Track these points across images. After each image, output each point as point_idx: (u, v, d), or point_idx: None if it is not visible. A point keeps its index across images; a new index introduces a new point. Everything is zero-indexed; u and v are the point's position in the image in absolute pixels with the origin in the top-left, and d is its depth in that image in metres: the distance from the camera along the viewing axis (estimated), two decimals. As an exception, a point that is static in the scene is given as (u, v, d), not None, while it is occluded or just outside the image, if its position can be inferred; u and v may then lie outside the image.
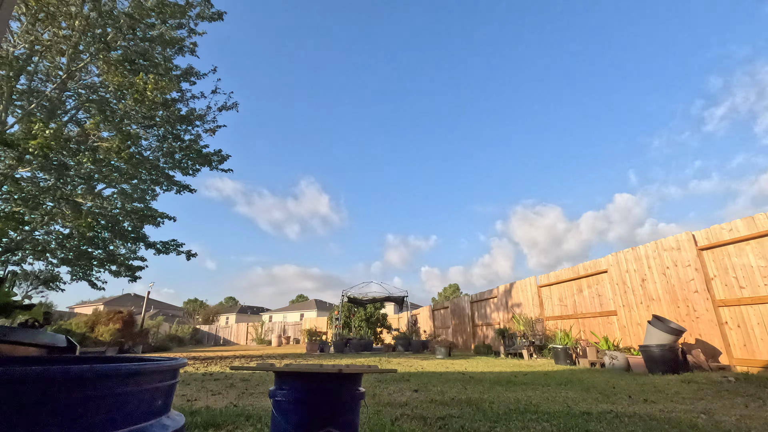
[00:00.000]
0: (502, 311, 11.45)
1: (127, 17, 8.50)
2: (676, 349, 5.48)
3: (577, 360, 7.23)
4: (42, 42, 7.83)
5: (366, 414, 2.97)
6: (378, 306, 17.70)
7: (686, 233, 6.11)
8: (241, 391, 4.37)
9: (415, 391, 4.19)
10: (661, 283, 6.47)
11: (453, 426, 2.65)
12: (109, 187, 10.29)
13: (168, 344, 21.04)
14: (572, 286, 8.78)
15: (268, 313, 53.66)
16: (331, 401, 1.59)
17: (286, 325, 28.69)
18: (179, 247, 11.29)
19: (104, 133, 9.23)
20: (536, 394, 3.94)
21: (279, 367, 1.66)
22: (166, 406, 0.84)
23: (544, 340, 9.15)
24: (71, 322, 15.64)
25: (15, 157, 7.41)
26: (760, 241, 5.09)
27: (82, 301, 41.85)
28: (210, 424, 2.69)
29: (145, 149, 10.49)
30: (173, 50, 10.27)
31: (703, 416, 2.88)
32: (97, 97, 9.33)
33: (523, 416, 2.91)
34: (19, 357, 1.23)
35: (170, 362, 0.83)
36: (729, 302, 5.40)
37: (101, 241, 10.38)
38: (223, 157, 11.20)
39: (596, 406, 3.33)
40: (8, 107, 8.07)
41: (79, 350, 1.76)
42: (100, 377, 0.67)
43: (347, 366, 1.61)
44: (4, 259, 9.15)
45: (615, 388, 4.27)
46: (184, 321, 39.14)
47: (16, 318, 1.70)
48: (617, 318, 7.32)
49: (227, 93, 11.18)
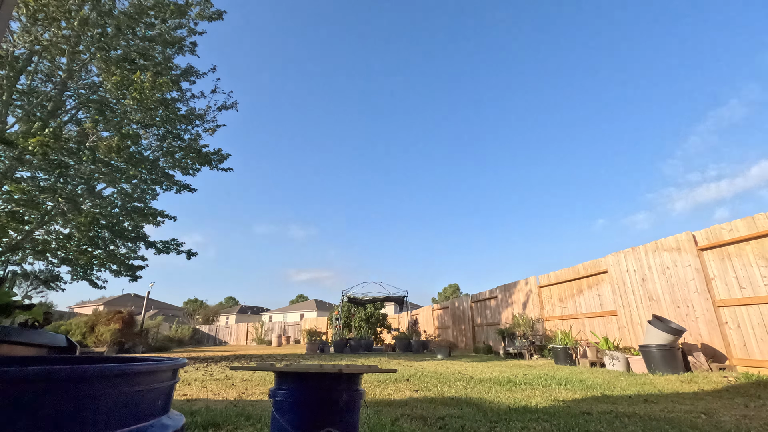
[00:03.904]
0: (502, 311, 11.45)
1: (126, 17, 8.50)
2: (676, 349, 5.48)
3: (578, 360, 7.23)
4: (42, 42, 7.83)
5: (366, 414, 2.97)
6: (378, 306, 17.69)
7: (686, 233, 6.11)
8: (241, 391, 4.36)
9: (415, 391, 4.19)
10: (661, 283, 6.47)
11: (453, 426, 2.65)
12: (109, 187, 10.29)
13: (168, 344, 21.05)
14: (572, 286, 8.78)
15: (268, 313, 53.67)
16: (331, 401, 1.59)
17: (286, 325, 28.69)
18: (179, 246, 11.30)
19: (104, 133, 9.24)
20: (536, 394, 3.93)
21: (279, 367, 1.65)
22: (166, 406, 0.84)
23: (545, 341, 9.15)
24: (71, 322, 15.65)
25: (15, 156, 7.41)
26: (761, 241, 5.09)
27: (82, 301, 41.92)
28: (210, 424, 2.69)
29: (145, 149, 10.49)
30: (173, 50, 10.27)
31: (703, 416, 2.88)
32: (96, 97, 9.33)
33: (523, 416, 2.91)
34: (19, 357, 1.22)
35: (170, 362, 0.83)
36: (729, 302, 5.40)
37: (101, 241, 10.38)
38: (222, 157, 11.21)
39: (596, 406, 3.33)
40: (8, 107, 8.07)
41: (79, 350, 1.76)
42: (99, 377, 0.67)
43: (347, 366, 1.60)
44: (4, 259, 9.15)
45: (615, 388, 4.27)
46: (184, 321, 39.14)
47: (16, 318, 1.70)
48: (617, 318, 7.32)
49: (227, 92, 11.21)
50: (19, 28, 7.95)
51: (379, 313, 17.33)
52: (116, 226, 10.26)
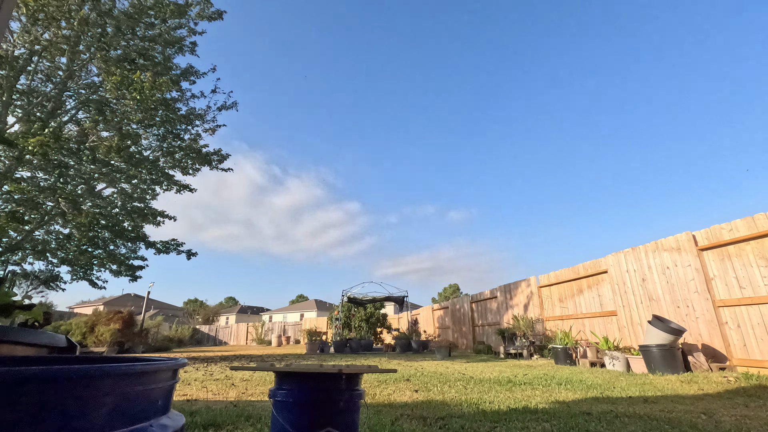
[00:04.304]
0: (502, 311, 11.45)
1: (126, 17, 8.50)
2: (676, 349, 5.48)
3: (578, 360, 7.23)
4: (42, 42, 7.83)
5: (366, 414, 2.97)
6: (378, 306, 17.69)
7: (686, 233, 6.11)
8: (241, 391, 4.37)
9: (415, 392, 4.19)
10: (661, 283, 6.47)
11: (453, 426, 2.65)
12: (109, 187, 10.30)
13: (168, 344, 21.05)
14: (572, 287, 8.78)
15: (268, 313, 53.66)
16: (330, 401, 1.59)
17: (286, 325, 28.68)
18: (179, 246, 11.30)
19: (104, 133, 9.24)
20: (536, 394, 3.93)
21: (279, 367, 1.65)
22: (166, 406, 0.84)
23: (545, 341, 9.15)
24: (71, 322, 15.65)
25: (15, 156, 7.41)
26: (761, 241, 5.09)
27: (82, 301, 41.90)
28: (210, 424, 2.69)
29: (145, 149, 10.50)
30: (173, 50, 10.28)
31: (703, 416, 2.88)
32: (96, 97, 9.33)
33: (523, 416, 2.91)
34: (19, 357, 1.22)
35: (170, 362, 0.83)
36: (729, 302, 5.40)
37: (101, 241, 10.39)
38: (222, 157, 11.22)
39: (596, 406, 3.33)
40: (8, 107, 8.07)
41: (79, 350, 1.76)
42: (99, 377, 0.67)
43: (347, 366, 1.61)
44: (4, 259, 9.15)
45: (615, 388, 4.27)
46: (184, 321, 39.12)
47: (16, 318, 1.70)
48: (617, 318, 7.32)
49: (227, 92, 11.22)
50: (19, 28, 7.95)
51: (379, 313, 17.33)
52: (116, 226, 10.26)
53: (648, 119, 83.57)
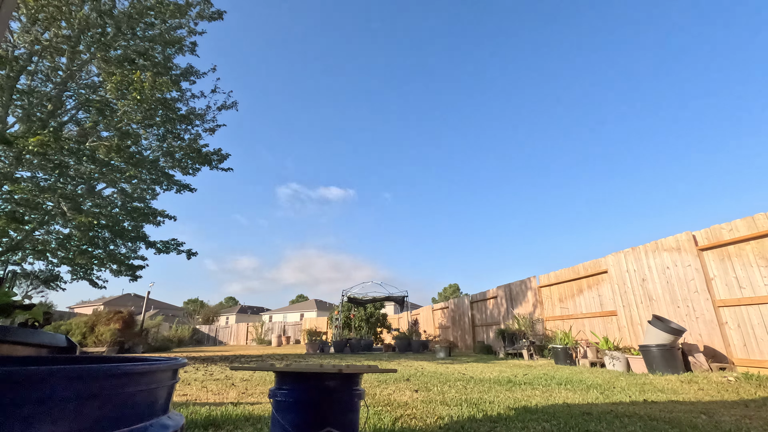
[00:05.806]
0: (502, 311, 11.45)
1: (126, 17, 8.50)
2: (676, 349, 5.48)
3: (578, 360, 7.23)
4: (42, 42, 7.83)
5: (366, 414, 2.97)
6: (378, 306, 17.69)
7: (686, 233, 6.11)
8: (241, 391, 4.36)
9: (415, 392, 4.19)
10: (661, 283, 6.47)
11: (453, 426, 2.65)
12: (109, 187, 10.29)
13: (168, 344, 21.02)
14: (572, 286, 8.78)
15: (268, 313, 53.67)
16: (331, 401, 1.59)
17: (286, 325, 28.68)
18: (179, 246, 11.29)
19: (104, 133, 9.24)
20: (536, 394, 3.93)
21: (279, 367, 1.65)
22: (166, 406, 0.84)
23: (544, 341, 9.14)
24: (71, 322, 15.64)
25: (15, 156, 7.41)
26: (761, 241, 5.09)
27: (82, 301, 41.95)
28: (210, 424, 2.69)
29: (145, 149, 10.50)
30: (173, 50, 10.28)
31: (703, 416, 2.88)
32: (97, 97, 9.33)
33: (524, 416, 2.91)
34: (19, 357, 1.22)
35: (170, 362, 0.83)
36: (729, 302, 5.40)
37: (101, 241, 10.38)
38: (222, 156, 11.21)
39: (596, 406, 3.33)
40: (9, 107, 8.07)
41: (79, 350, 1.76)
42: (99, 377, 0.67)
43: (347, 366, 1.61)
44: (4, 259, 9.15)
45: (615, 388, 4.27)
46: (184, 321, 39.10)
47: (16, 318, 1.70)
48: (617, 318, 7.32)
49: (227, 92, 11.21)
50: (19, 28, 7.95)
51: (379, 313, 17.33)
52: (116, 226, 10.25)
53: (648, 119, 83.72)
